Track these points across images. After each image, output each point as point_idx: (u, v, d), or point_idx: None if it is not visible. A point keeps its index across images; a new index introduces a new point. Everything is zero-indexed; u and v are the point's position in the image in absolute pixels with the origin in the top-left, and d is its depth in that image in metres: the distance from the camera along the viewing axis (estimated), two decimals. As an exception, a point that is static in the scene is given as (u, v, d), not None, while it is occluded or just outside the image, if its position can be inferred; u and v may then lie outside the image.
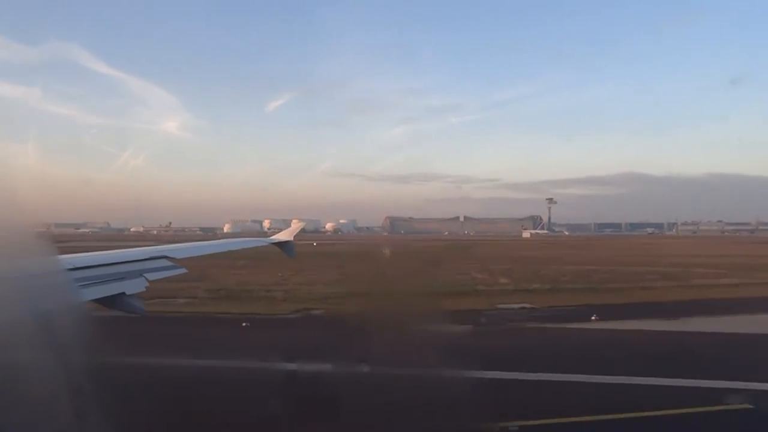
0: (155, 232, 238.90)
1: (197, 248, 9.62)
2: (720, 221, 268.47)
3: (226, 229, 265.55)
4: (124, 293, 5.84)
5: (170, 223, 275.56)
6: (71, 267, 5.54)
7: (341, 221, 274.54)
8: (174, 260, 7.62)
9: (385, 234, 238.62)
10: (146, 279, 6.48)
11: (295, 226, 15.41)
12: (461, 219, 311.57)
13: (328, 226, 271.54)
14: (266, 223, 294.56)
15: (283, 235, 14.15)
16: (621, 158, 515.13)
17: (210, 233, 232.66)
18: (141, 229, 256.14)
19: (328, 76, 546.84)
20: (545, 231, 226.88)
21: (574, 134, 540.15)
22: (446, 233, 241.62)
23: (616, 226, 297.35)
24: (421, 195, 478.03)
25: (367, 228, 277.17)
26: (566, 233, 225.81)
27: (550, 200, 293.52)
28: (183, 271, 7.58)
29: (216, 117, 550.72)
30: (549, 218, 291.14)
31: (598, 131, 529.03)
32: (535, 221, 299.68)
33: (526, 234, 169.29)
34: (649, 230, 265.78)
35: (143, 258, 7.23)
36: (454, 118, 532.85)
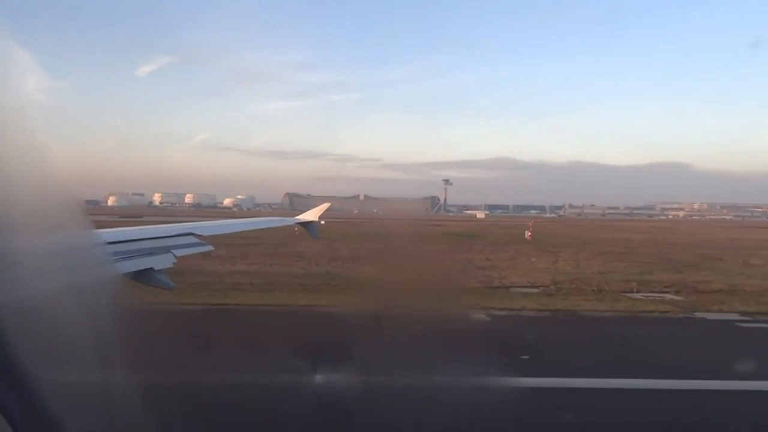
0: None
1: (224, 226, 9.92)
2: (593, 205, 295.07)
3: (111, 202, 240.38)
4: (152, 269, 5.92)
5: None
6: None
7: (239, 197, 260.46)
8: (201, 237, 7.72)
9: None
10: (174, 255, 6.55)
11: (321, 206, 14.83)
12: (361, 197, 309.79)
13: (227, 201, 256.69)
14: (157, 197, 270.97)
15: (309, 215, 14.07)
16: (494, 143, 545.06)
17: (96, 206, 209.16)
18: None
19: (209, 43, 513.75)
20: (487, 212, 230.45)
21: (451, 118, 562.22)
22: (356, 212, 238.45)
23: (504, 207, 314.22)
24: (302, 172, 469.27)
25: (268, 205, 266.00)
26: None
27: (446, 181, 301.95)
28: (210, 248, 7.69)
29: (78, 79, 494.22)
30: (445, 199, 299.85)
31: (474, 116, 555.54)
32: (433, 201, 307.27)
33: (480, 215, 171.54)
34: (533, 212, 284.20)
35: (171, 234, 7.33)
36: (337, 96, 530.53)
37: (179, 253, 6.78)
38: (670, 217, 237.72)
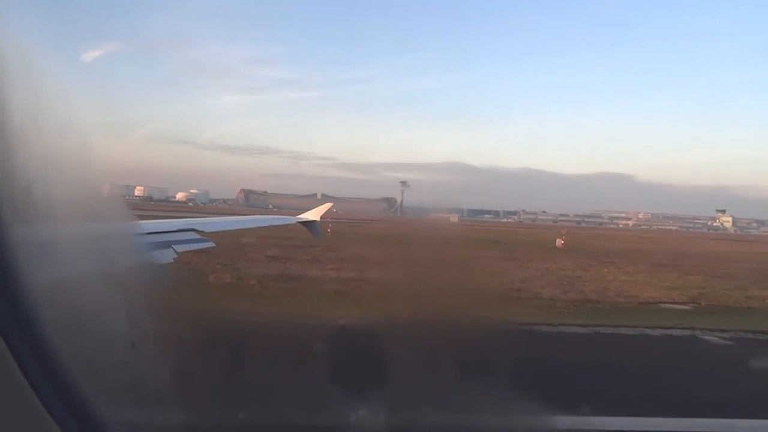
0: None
1: (226, 223, 9.88)
2: (544, 212, 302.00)
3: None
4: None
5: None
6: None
7: (192, 191, 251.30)
8: (203, 233, 7.67)
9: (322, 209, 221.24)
10: (175, 251, 6.52)
11: (323, 206, 14.87)
12: (319, 196, 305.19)
13: (180, 196, 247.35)
14: (104, 189, 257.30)
15: (311, 215, 13.81)
16: (447, 148, 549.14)
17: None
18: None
19: (161, 33, 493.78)
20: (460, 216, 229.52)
21: (405, 121, 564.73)
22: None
23: (459, 211, 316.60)
24: (255, 168, 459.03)
25: (224, 200, 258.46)
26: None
27: (404, 183, 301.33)
28: (211, 244, 7.65)
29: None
30: (402, 201, 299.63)
31: (427, 120, 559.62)
32: (390, 203, 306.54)
33: (454, 219, 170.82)
34: (488, 217, 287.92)
35: (172, 230, 7.28)
36: (293, 93, 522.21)
37: (180, 248, 6.74)
38: (621, 225, 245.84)
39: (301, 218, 13.77)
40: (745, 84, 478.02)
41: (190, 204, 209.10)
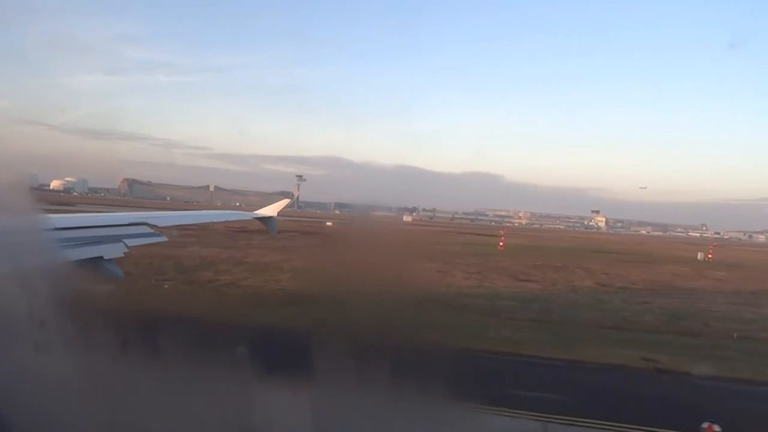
0: None
1: (180, 217, 9.67)
2: (434, 209, 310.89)
3: None
4: (101, 257, 5.74)
5: None
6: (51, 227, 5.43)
7: (68, 179, 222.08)
8: (155, 227, 7.52)
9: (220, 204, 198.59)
10: (125, 245, 6.39)
11: (281, 202, 14.92)
12: (212, 188, 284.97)
13: (54, 184, 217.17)
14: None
15: (268, 211, 13.72)
16: (325, 141, 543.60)
17: None
18: None
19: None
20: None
21: (281, 112, 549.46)
22: (219, 203, 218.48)
23: (353, 207, 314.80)
24: (124, 155, 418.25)
25: (107, 190, 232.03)
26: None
27: (300, 177, 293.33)
28: (164, 239, 7.47)
29: None
30: (298, 196, 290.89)
31: (306, 112, 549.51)
32: (286, 197, 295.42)
33: (407, 218, 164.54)
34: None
35: (124, 223, 7.12)
36: (163, 77, 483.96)
37: (131, 242, 6.40)
38: (516, 224, 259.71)
39: (257, 214, 13.26)
40: (605, 94, 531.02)
41: (75, 194, 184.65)
